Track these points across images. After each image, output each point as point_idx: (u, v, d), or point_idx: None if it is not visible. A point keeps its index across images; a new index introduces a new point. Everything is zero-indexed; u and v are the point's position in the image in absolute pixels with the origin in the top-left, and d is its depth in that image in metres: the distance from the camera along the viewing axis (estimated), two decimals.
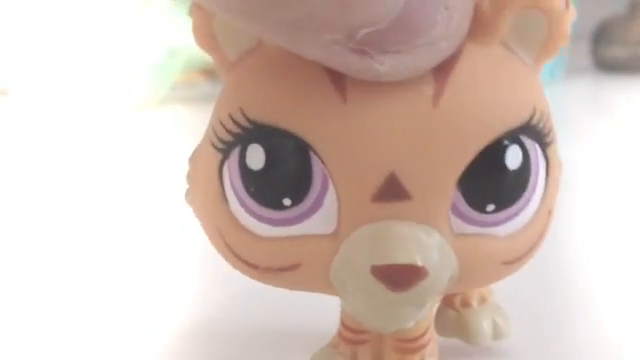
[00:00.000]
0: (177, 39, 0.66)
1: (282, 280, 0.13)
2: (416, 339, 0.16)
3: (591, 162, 0.41)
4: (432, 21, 0.11)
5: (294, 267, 0.13)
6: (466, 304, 0.19)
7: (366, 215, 0.12)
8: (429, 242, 0.12)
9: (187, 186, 0.15)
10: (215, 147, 0.13)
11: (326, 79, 0.12)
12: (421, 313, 0.13)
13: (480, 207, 0.13)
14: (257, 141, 0.12)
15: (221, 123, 0.13)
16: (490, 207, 0.13)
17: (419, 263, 0.12)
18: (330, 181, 0.12)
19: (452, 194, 0.12)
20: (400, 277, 0.12)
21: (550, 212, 0.14)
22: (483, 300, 0.19)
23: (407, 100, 0.12)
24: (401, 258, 0.12)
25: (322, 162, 0.12)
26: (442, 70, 0.12)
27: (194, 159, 0.14)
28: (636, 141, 0.47)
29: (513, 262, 0.13)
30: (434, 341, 0.16)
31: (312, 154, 0.12)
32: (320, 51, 0.11)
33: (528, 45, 0.13)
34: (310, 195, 0.12)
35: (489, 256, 0.13)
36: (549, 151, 0.14)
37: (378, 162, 0.12)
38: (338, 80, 0.12)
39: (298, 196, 0.12)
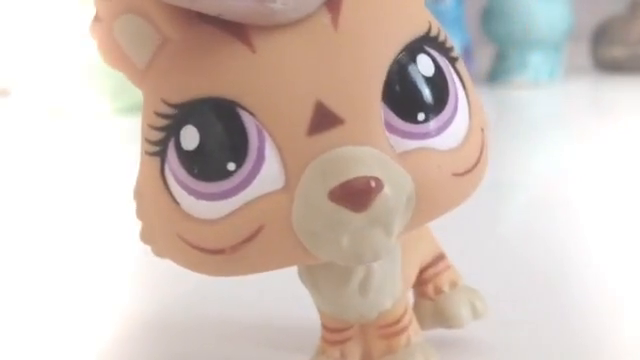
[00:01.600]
0: None
1: (250, 256, 0.13)
2: (398, 321, 0.16)
3: (591, 162, 0.41)
4: None
5: (257, 232, 0.13)
6: (438, 291, 0.19)
7: (308, 151, 0.12)
8: (375, 158, 0.12)
9: (140, 225, 0.15)
10: (151, 154, 0.14)
11: (231, 39, 0.13)
12: (391, 240, 0.13)
13: (411, 117, 0.13)
14: (186, 122, 0.13)
15: (150, 125, 0.13)
16: (420, 116, 0.13)
17: (372, 174, 0.12)
18: (265, 131, 0.13)
19: (381, 110, 0.13)
20: (357, 193, 0.12)
21: (483, 129, 0.15)
22: (454, 284, 0.19)
23: (309, 32, 0.13)
24: (353, 173, 0.12)
25: (252, 115, 0.13)
26: (332, 1, 0.13)
27: (137, 193, 0.15)
28: (636, 141, 0.47)
29: (463, 174, 0.14)
30: (415, 320, 0.17)
31: (240, 110, 0.13)
32: (222, 3, 0.12)
33: None
34: (251, 151, 0.13)
35: (437, 168, 0.13)
36: (458, 66, 0.14)
37: (301, 95, 0.12)
38: (242, 35, 0.13)
39: (240, 156, 0.13)
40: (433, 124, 0.13)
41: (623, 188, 0.36)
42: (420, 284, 0.19)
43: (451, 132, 0.14)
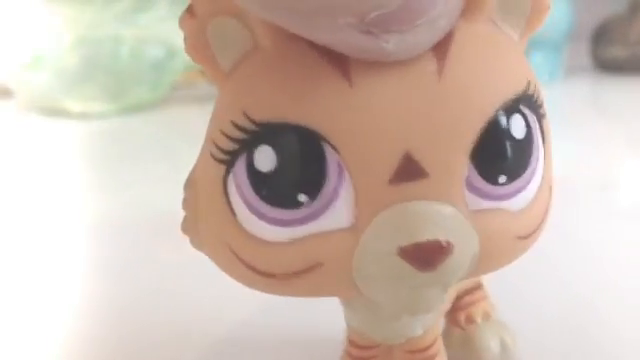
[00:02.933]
0: (177, 39, 0.66)
1: (301, 286, 0.13)
2: (426, 349, 0.16)
3: (591, 162, 0.41)
4: (433, 1, 0.11)
5: (314, 268, 0.12)
6: (470, 321, 0.18)
7: (385, 199, 0.12)
8: (450, 218, 0.12)
9: (183, 214, 0.14)
10: (217, 159, 0.13)
11: (329, 67, 0.12)
12: (444, 296, 0.13)
13: (492, 179, 0.13)
14: (265, 142, 0.12)
15: (223, 133, 0.13)
16: (502, 178, 0.13)
17: (445, 239, 0.12)
18: (345, 170, 0.12)
19: (466, 168, 0.12)
20: (428, 255, 0.12)
21: (550, 188, 0.14)
22: (487, 316, 0.19)
23: (411, 77, 0.12)
24: (427, 235, 0.12)
25: (335, 151, 0.12)
26: (440, 47, 0.12)
27: (190, 184, 0.14)
28: (636, 141, 0.47)
29: (526, 237, 0.13)
30: (444, 351, 0.16)
31: (324, 144, 0.12)
32: (332, 35, 0.11)
33: (513, 20, 0.14)
34: (326, 188, 0.12)
35: (505, 231, 0.13)
36: (544, 123, 0.14)
37: (392, 142, 0.12)
38: (341, 66, 0.12)
39: (314, 190, 0.12)
40: (511, 187, 0.13)
41: (623, 188, 0.36)
42: (453, 311, 0.19)
43: (525, 194, 0.13)
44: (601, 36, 0.75)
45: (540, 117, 0.13)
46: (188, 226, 0.14)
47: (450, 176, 0.12)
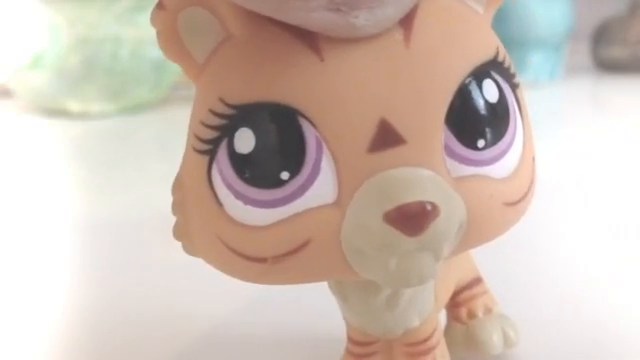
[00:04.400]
0: None
1: (293, 268, 0.13)
2: (425, 340, 0.16)
3: (591, 161, 0.41)
4: None
5: (303, 246, 0.12)
6: (472, 315, 0.18)
7: (365, 169, 0.12)
8: (432, 182, 0.12)
9: (174, 219, 0.14)
10: (200, 151, 0.13)
11: (299, 45, 0.12)
12: (438, 265, 0.12)
13: (471, 143, 0.13)
14: (243, 124, 0.12)
15: (202, 123, 0.13)
16: (481, 142, 0.13)
17: (429, 199, 0.12)
18: (324, 143, 0.12)
19: (442, 133, 0.12)
20: (413, 218, 0.12)
21: (533, 159, 0.14)
22: (488, 310, 0.19)
23: (380, 47, 0.12)
24: (410, 197, 0.12)
25: (312, 125, 0.12)
26: (406, 17, 0.13)
27: (177, 185, 0.14)
28: (636, 141, 0.47)
29: (513, 204, 0.13)
30: (444, 343, 0.16)
31: (301, 119, 0.12)
32: (302, 15, 0.12)
33: None
34: (307, 162, 0.12)
35: (491, 197, 0.13)
36: (518, 93, 0.14)
37: (367, 110, 0.12)
38: (312, 43, 0.12)
39: (295, 166, 0.12)
40: (491, 152, 0.13)
41: (623, 187, 0.36)
42: (454, 306, 0.19)
43: (506, 161, 0.13)
44: (601, 36, 0.75)
45: (513, 86, 0.14)
46: (180, 231, 0.14)
47: (427, 141, 0.12)
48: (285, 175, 0.12)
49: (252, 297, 0.23)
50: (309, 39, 0.12)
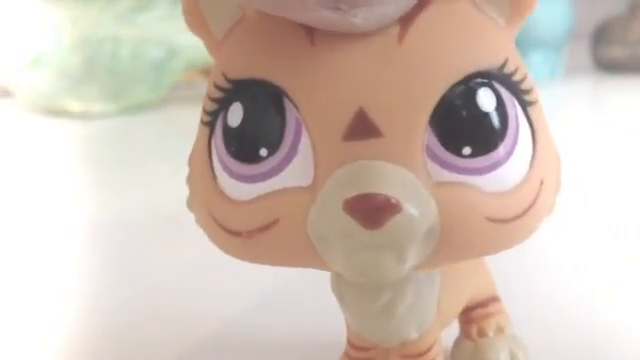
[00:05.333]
0: (177, 39, 0.66)
1: (263, 246, 0.13)
2: (421, 354, 0.15)
3: (591, 162, 0.41)
4: None
5: (272, 224, 0.13)
6: (482, 334, 0.18)
7: (339, 156, 0.12)
8: (402, 178, 0.12)
9: (188, 191, 0.15)
10: (204, 123, 0.14)
11: (297, 28, 0.13)
12: (402, 267, 0.12)
13: (455, 149, 0.12)
14: (236, 99, 0.13)
15: (208, 95, 0.14)
16: (466, 150, 0.12)
17: (389, 194, 0.12)
18: (303, 126, 0.12)
19: (425, 134, 0.12)
20: (371, 208, 0.11)
21: (543, 182, 0.14)
22: (500, 330, 0.18)
23: (372, 39, 0.12)
24: (374, 188, 0.12)
25: (294, 106, 0.12)
26: (407, 15, 0.13)
27: (191, 158, 0.15)
28: (636, 141, 0.47)
29: (501, 222, 0.13)
30: (442, 358, 0.16)
31: (286, 100, 0.13)
32: (303, 12, 0.12)
33: (497, 5, 0.14)
34: (285, 142, 0.12)
35: (471, 207, 0.12)
36: (531, 111, 0.14)
37: (346, 98, 0.12)
38: (309, 28, 0.13)
39: (273, 144, 0.13)
40: (479, 162, 0.12)
41: (623, 187, 0.36)
42: (466, 322, 0.18)
43: (500, 175, 0.13)
44: (601, 36, 0.75)
45: (524, 102, 0.13)
46: (190, 202, 0.15)
47: (406, 138, 0.12)
48: (264, 152, 0.13)
49: (255, 298, 0.23)
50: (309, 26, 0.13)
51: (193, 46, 0.65)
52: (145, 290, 0.25)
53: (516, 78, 0.13)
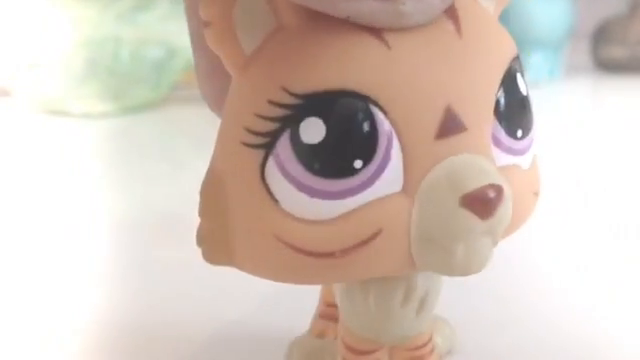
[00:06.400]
0: (177, 39, 0.66)
1: (360, 261, 0.12)
2: (425, 344, 0.16)
3: (590, 161, 0.41)
4: None
5: (375, 236, 0.12)
6: None
7: (432, 155, 0.12)
8: (493, 168, 0.13)
9: (200, 224, 0.13)
10: (253, 145, 0.12)
11: (363, 34, 0.12)
12: (492, 252, 0.13)
13: (513, 133, 0.13)
14: (310, 114, 0.12)
15: (258, 115, 0.12)
16: (519, 132, 0.13)
17: (500, 182, 0.12)
18: (393, 131, 0.12)
19: (492, 122, 0.13)
20: (489, 200, 0.12)
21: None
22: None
23: (436, 36, 0.13)
24: (484, 180, 0.12)
25: (383, 112, 0.12)
26: (450, 10, 0.13)
27: (207, 186, 0.13)
28: (636, 141, 0.47)
29: (537, 193, 0.14)
30: (438, 350, 0.16)
31: (372, 107, 0.12)
32: (350, 5, 0.12)
33: None
34: (379, 150, 0.12)
35: (525, 185, 0.14)
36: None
37: (435, 98, 0.12)
38: (375, 31, 0.12)
39: (368, 154, 0.12)
40: (525, 142, 0.14)
41: (623, 188, 0.36)
42: None
43: (531, 152, 0.14)
44: (601, 36, 0.75)
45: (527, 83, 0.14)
46: (205, 236, 0.14)
47: (483, 129, 0.13)
48: (358, 163, 0.12)
49: (256, 297, 0.23)
50: (370, 29, 0.12)
51: None
52: (144, 290, 0.25)
53: (521, 59, 0.14)
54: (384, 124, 0.12)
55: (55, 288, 0.26)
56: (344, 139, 0.12)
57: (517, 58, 0.14)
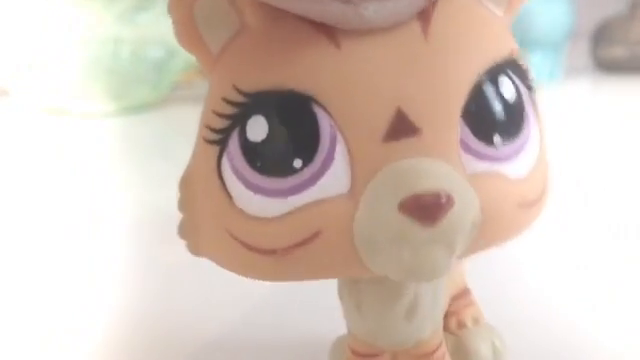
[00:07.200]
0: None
1: (302, 261, 0.12)
2: (432, 352, 0.15)
3: (590, 162, 0.41)
4: None
5: (314, 237, 0.12)
6: (461, 325, 0.18)
7: (380, 158, 0.12)
8: (447, 173, 0.12)
9: (180, 218, 0.14)
10: (211, 141, 0.13)
11: (315, 34, 0.12)
12: (451, 260, 0.12)
13: (487, 138, 0.13)
14: (256, 112, 0.12)
15: (215, 112, 0.13)
16: (496, 138, 0.13)
17: (445, 190, 0.12)
18: (338, 132, 0.12)
19: (459, 127, 0.12)
20: (429, 206, 0.11)
21: (547, 163, 0.14)
22: (476, 321, 0.19)
23: (398, 38, 0.12)
24: (426, 186, 0.11)
25: (327, 113, 0.12)
26: (424, 12, 0.13)
27: (185, 182, 0.14)
28: (636, 141, 0.47)
29: (527, 206, 0.13)
30: (448, 357, 0.16)
31: (315, 106, 0.12)
32: (312, 5, 0.12)
33: None
34: (320, 150, 0.12)
35: (504, 195, 0.13)
36: (533, 95, 0.14)
37: (383, 99, 0.12)
38: (328, 31, 0.12)
39: (308, 153, 0.12)
40: (506, 149, 0.13)
41: (623, 188, 0.36)
42: (444, 316, 0.18)
43: (521, 160, 0.13)
44: (601, 36, 0.75)
45: (529, 88, 0.14)
46: (185, 229, 0.14)
47: (443, 133, 0.12)
48: (298, 163, 0.12)
49: (255, 298, 0.23)
50: (326, 28, 0.12)
51: None
52: (143, 290, 0.25)
53: (523, 65, 0.14)
54: (326, 125, 0.12)
55: (55, 288, 0.26)
56: (284, 138, 0.12)
57: (510, 61, 0.13)
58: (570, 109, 0.61)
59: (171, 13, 0.13)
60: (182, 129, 0.58)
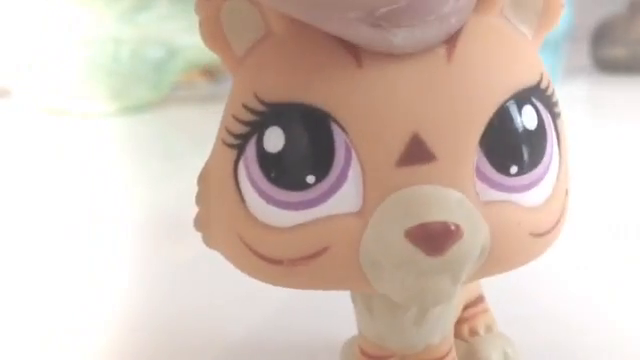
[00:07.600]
0: (177, 39, 0.66)
1: (308, 274, 0.12)
2: (442, 358, 0.15)
3: (590, 162, 0.41)
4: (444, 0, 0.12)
5: (321, 252, 0.12)
6: (474, 332, 0.18)
7: (392, 182, 0.12)
8: (458, 203, 0.12)
9: (198, 211, 0.14)
10: (229, 144, 0.13)
11: (339, 49, 0.12)
12: (455, 288, 0.12)
13: (503, 169, 0.12)
14: (274, 123, 0.12)
15: (235, 117, 0.13)
16: (513, 169, 0.12)
17: (454, 221, 0.11)
18: (353, 151, 0.12)
19: (475, 155, 0.12)
20: (436, 237, 0.11)
21: (567, 191, 0.14)
22: (489, 329, 0.19)
23: (421, 60, 0.12)
24: (435, 216, 0.11)
25: (343, 131, 0.12)
26: (451, 35, 0.12)
27: (203, 177, 0.14)
28: (636, 141, 0.47)
29: (540, 235, 0.13)
30: None
31: (332, 124, 0.12)
32: (341, 26, 0.12)
33: (526, 18, 0.14)
34: (334, 168, 0.12)
35: (517, 225, 0.13)
36: (558, 123, 0.14)
37: (401, 123, 0.12)
38: (352, 48, 0.12)
39: (322, 170, 0.12)
40: (524, 179, 0.13)
41: (623, 188, 0.36)
42: (456, 323, 0.18)
43: (538, 190, 0.13)
44: (601, 36, 0.75)
45: (554, 115, 0.14)
46: (201, 222, 0.14)
47: (458, 161, 0.12)
48: (311, 179, 0.12)
49: (257, 298, 0.23)
50: (350, 45, 0.12)
51: (193, 46, 0.65)
52: (144, 289, 0.26)
53: (549, 92, 0.13)
54: (342, 143, 0.12)
55: (55, 288, 0.26)
56: (298, 153, 0.12)
57: (536, 88, 0.13)
58: (570, 109, 0.61)
59: (198, 12, 0.13)
60: (182, 129, 0.58)
